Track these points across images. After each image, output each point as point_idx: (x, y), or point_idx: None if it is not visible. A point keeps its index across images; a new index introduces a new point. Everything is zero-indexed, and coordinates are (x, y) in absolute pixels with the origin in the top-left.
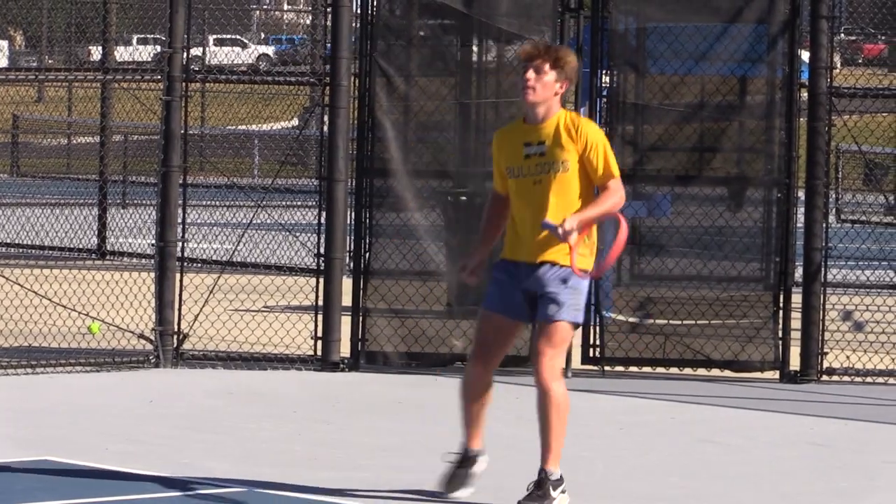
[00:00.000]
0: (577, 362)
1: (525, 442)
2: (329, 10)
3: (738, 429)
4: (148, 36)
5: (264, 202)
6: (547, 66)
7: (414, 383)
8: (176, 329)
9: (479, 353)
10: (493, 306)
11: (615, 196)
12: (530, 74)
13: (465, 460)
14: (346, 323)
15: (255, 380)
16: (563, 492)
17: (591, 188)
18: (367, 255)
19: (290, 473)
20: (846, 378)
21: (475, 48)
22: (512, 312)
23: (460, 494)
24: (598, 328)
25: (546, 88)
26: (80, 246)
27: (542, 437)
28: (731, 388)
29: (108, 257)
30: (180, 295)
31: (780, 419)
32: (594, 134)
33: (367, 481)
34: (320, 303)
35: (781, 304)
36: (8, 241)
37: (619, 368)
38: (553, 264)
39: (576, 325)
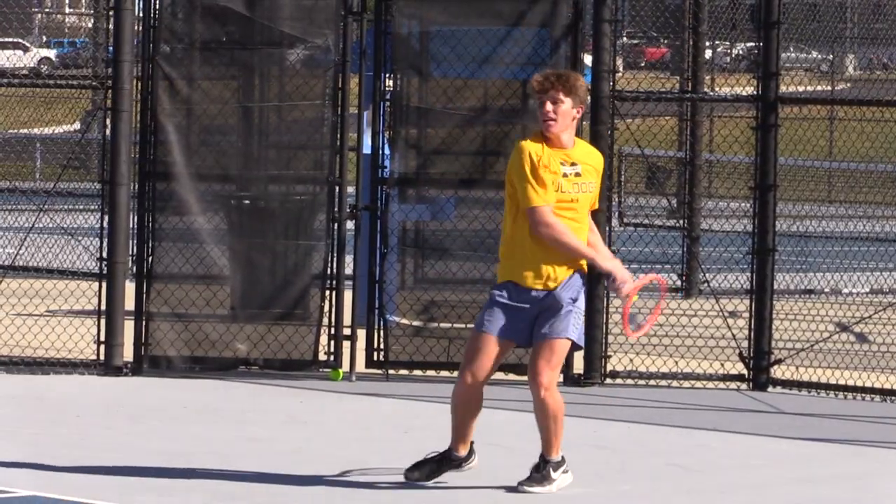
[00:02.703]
0: (360, 366)
1: None
2: (111, 13)
3: (522, 432)
4: None
5: (46, 206)
6: (561, 95)
7: (198, 387)
8: None
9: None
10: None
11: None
12: (548, 107)
13: (445, 460)
14: (129, 327)
15: (38, 384)
16: (564, 472)
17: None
18: (150, 258)
19: (72, 479)
20: (629, 381)
21: (258, 51)
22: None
23: (416, 478)
24: (382, 332)
25: (565, 117)
26: None
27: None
28: (515, 392)
29: None
30: None
31: (564, 422)
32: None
33: (152, 486)
34: (103, 307)
35: None
36: None
37: (404, 372)
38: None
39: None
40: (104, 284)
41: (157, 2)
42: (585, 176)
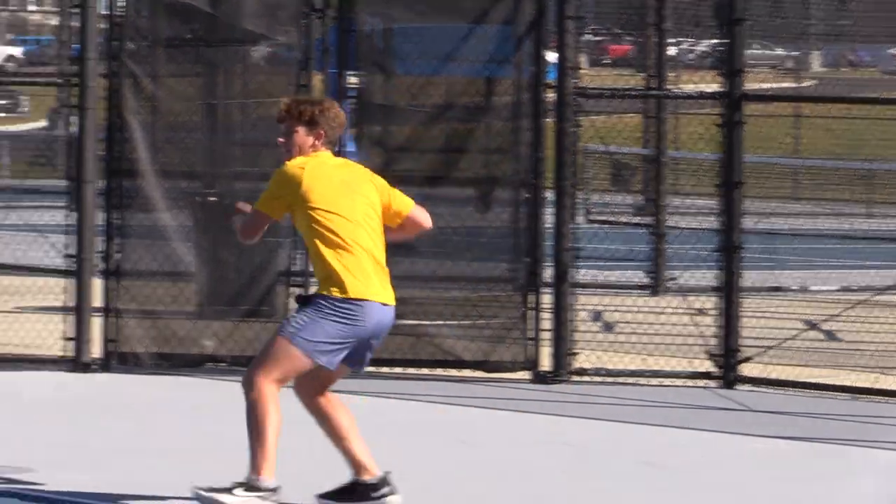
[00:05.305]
0: None
1: None
2: (76, 10)
3: (491, 429)
4: None
5: (13, 203)
6: (294, 125)
7: (165, 384)
8: None
9: None
10: None
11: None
12: (280, 140)
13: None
14: (97, 324)
15: (6, 381)
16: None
17: (308, 229)
18: (118, 255)
19: (47, 477)
20: (597, 378)
21: (222, 48)
22: None
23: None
24: None
25: (302, 145)
26: None
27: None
28: (483, 389)
29: None
30: None
31: (531, 420)
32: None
33: (110, 483)
34: (71, 304)
35: (531, 305)
36: None
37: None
38: None
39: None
40: (72, 281)
41: None
42: None
